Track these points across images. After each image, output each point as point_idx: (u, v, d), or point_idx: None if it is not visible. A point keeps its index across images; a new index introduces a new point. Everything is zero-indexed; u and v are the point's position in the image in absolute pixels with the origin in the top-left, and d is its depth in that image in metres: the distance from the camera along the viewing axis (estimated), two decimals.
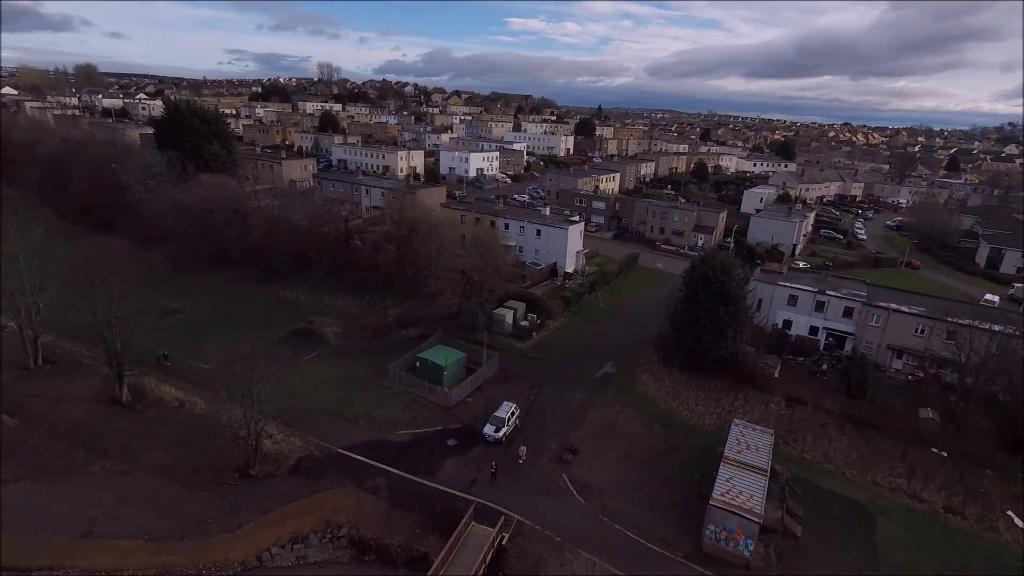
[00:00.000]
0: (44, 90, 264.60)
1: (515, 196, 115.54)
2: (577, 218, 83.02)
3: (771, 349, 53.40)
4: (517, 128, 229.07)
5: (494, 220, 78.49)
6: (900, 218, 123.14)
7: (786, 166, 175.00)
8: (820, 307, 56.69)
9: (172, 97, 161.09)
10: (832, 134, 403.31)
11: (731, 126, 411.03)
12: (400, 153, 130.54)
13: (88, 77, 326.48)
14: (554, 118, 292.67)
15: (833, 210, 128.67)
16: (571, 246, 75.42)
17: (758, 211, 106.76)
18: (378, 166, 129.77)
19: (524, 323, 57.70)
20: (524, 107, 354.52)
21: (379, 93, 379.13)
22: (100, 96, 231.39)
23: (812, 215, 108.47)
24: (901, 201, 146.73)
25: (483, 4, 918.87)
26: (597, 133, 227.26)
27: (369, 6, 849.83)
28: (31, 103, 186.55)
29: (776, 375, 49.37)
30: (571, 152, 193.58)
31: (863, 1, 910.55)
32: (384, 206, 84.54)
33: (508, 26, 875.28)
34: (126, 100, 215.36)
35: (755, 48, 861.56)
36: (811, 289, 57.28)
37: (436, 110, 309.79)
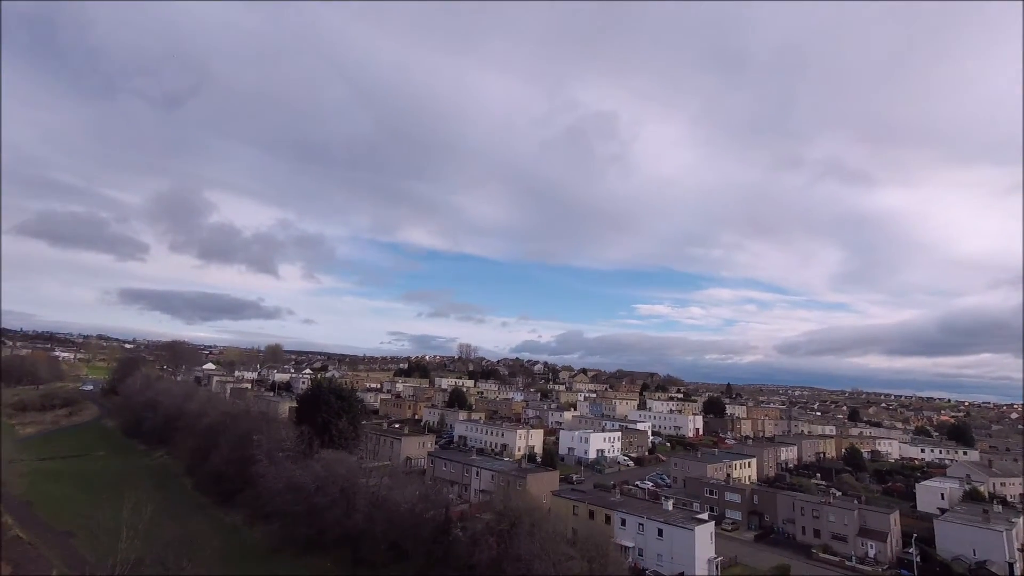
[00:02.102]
0: (237, 366, 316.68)
1: (637, 482, 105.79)
2: (706, 515, 71.79)
3: None
4: (642, 406, 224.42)
5: (609, 514, 70.12)
6: None
7: (965, 453, 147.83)
8: None
9: (319, 375, 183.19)
10: (1015, 415, 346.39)
11: (883, 404, 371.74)
12: (519, 431, 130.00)
13: (274, 354, 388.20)
14: (681, 395, 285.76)
15: None
16: (700, 552, 63.48)
17: (943, 511, 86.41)
18: (496, 444, 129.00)
19: None
20: (650, 384, 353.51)
21: (510, 370, 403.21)
22: (275, 371, 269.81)
23: (1021, 521, 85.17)
24: None
25: (614, 293, 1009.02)
26: (728, 412, 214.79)
27: (513, 298, 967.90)
28: (219, 377, 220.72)
29: None
30: (700, 433, 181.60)
31: (1000, 288, 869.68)
32: (492, 490, 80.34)
33: (636, 311, 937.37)
34: (293, 375, 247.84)
35: (892, 328, 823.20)
36: None
37: (562, 387, 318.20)
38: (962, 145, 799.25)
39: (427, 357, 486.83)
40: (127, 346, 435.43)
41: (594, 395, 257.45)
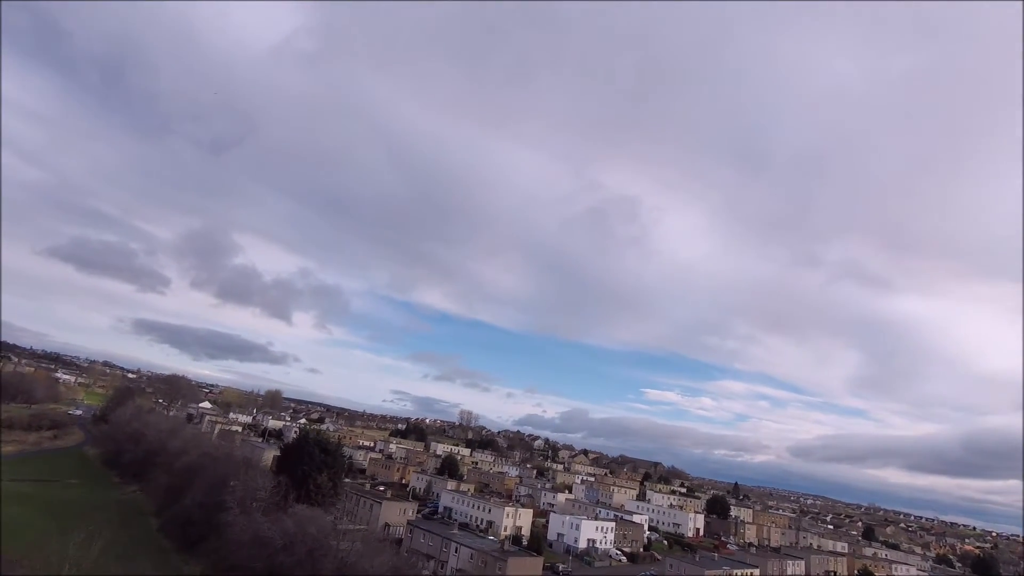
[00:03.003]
0: (233, 407, 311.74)
1: None
2: None
3: None
4: (641, 497, 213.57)
5: None
6: None
7: None
8: None
9: (313, 426, 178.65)
10: None
11: (902, 525, 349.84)
12: (507, 509, 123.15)
13: (272, 400, 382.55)
14: (684, 490, 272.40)
15: None
16: None
17: None
18: (482, 520, 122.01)
19: None
20: (652, 474, 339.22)
21: (509, 443, 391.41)
22: (270, 417, 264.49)
23: None
24: None
25: (623, 375, 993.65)
26: (733, 514, 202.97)
27: (521, 369, 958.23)
28: (212, 416, 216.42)
29: None
30: (700, 533, 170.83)
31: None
32: (470, 570, 74.60)
33: (645, 395, 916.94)
34: (287, 423, 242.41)
35: (912, 441, 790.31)
36: None
37: (561, 466, 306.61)
38: (986, 260, 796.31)
39: (427, 420, 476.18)
40: (130, 375, 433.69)
41: (592, 479, 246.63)
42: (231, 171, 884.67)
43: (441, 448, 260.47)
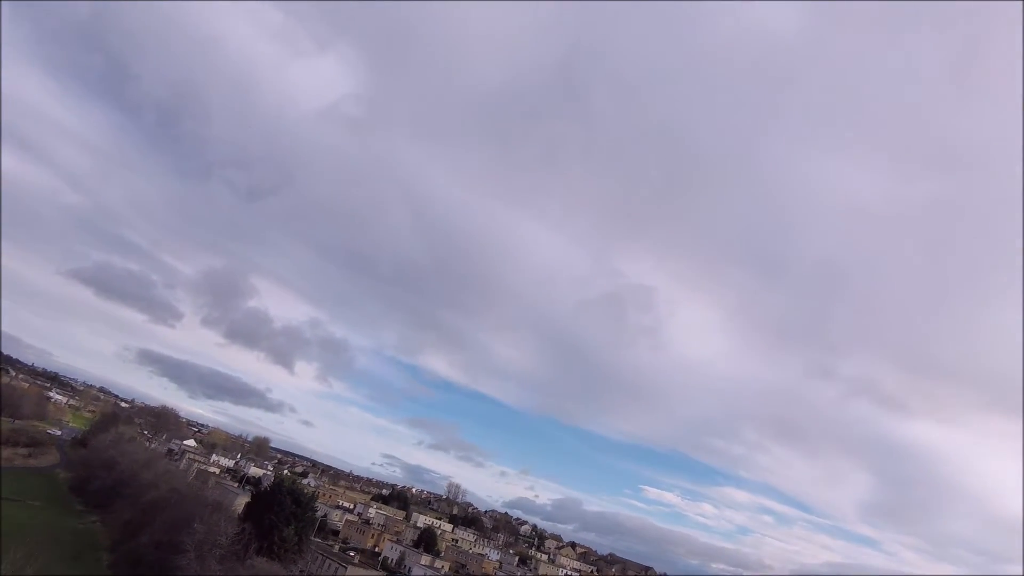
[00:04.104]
0: (218, 449, 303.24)
1: None
2: None
3: None
4: None
5: None
6: None
7: None
8: None
9: (295, 478, 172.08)
10: None
11: None
12: None
13: (259, 447, 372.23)
14: None
15: None
16: None
17: None
18: None
19: None
20: None
21: (495, 524, 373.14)
22: (252, 464, 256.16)
23: None
24: None
25: (622, 468, 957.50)
26: None
27: (518, 448, 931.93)
28: (192, 454, 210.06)
29: None
30: None
31: None
32: None
33: (643, 493, 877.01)
34: (267, 472, 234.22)
35: None
36: None
37: (545, 557, 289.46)
38: (1011, 395, 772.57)
39: (413, 489, 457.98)
40: (123, 404, 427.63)
41: (578, 575, 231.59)
42: (261, 218, 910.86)
43: (423, 520, 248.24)
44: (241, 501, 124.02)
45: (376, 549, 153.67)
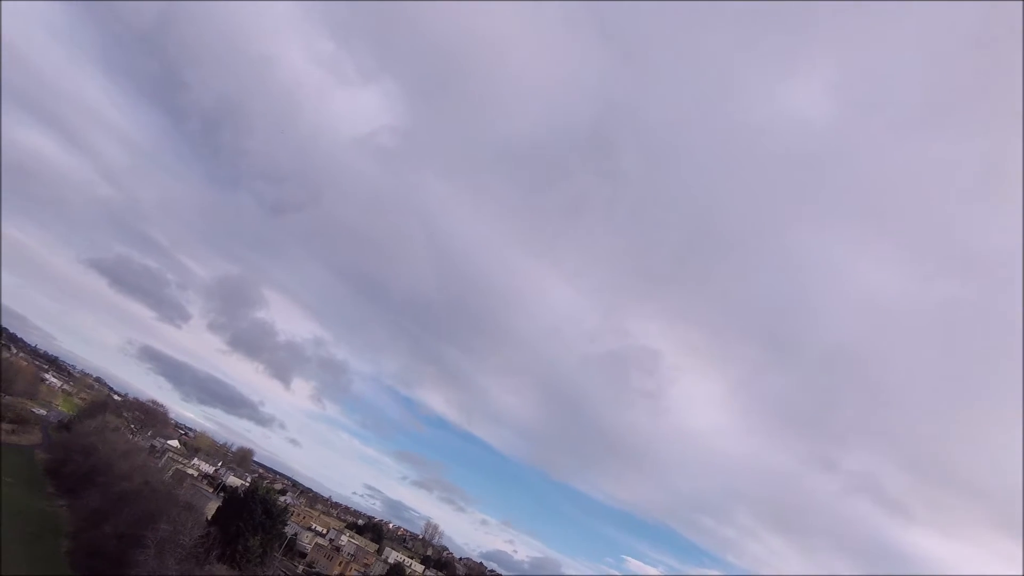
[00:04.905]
0: (200, 454, 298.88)
1: None
2: None
3: None
4: None
5: None
6: None
7: None
8: None
9: (265, 483, 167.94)
10: None
11: None
12: None
13: (241, 459, 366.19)
14: None
15: None
16: None
17: None
18: None
19: None
20: None
21: (467, 573, 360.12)
22: (231, 474, 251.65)
23: None
24: None
25: (607, 533, 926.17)
26: None
27: (502, 498, 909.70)
28: (173, 454, 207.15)
29: None
30: None
31: None
32: None
33: (625, 563, 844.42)
34: (245, 483, 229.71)
35: None
36: None
37: None
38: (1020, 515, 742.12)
39: (391, 524, 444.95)
40: (116, 397, 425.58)
41: None
42: (282, 232, 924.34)
43: (395, 556, 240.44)
44: (213, 506, 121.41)
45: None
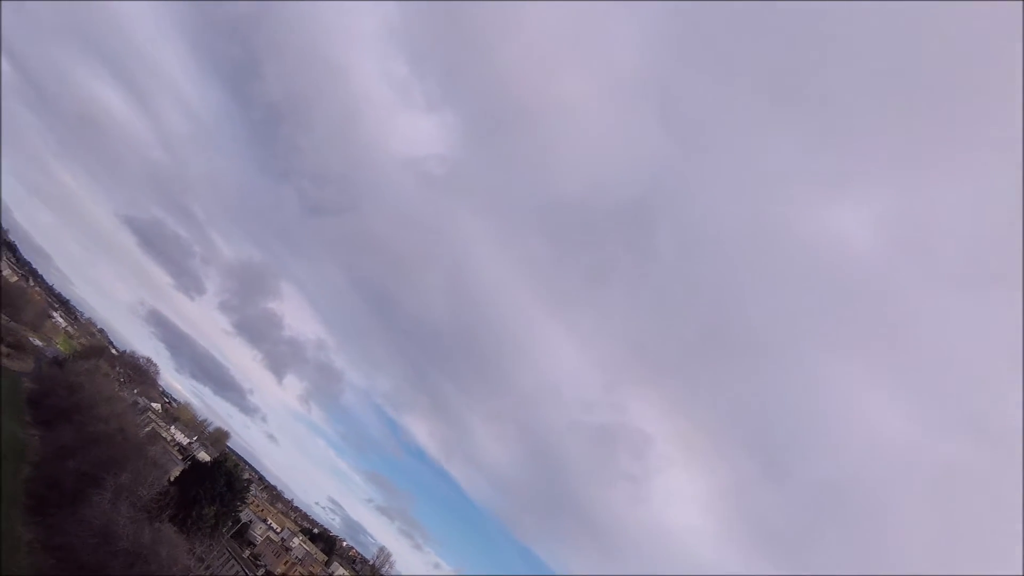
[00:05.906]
0: (178, 424, 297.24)
1: None
2: None
3: None
4: None
5: None
6: None
7: None
8: None
9: (230, 454, 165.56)
10: None
11: None
12: None
13: (216, 439, 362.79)
14: None
15: None
16: None
17: None
18: None
19: None
20: None
21: None
22: (202, 449, 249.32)
23: None
24: None
25: None
26: None
27: (463, 547, 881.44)
28: (155, 417, 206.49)
29: None
30: None
31: None
32: None
33: None
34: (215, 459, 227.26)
35: None
36: None
37: None
38: None
39: (345, 543, 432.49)
40: (113, 351, 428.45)
41: None
42: (313, 232, 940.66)
43: (340, 572, 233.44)
44: (177, 470, 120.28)
45: None
